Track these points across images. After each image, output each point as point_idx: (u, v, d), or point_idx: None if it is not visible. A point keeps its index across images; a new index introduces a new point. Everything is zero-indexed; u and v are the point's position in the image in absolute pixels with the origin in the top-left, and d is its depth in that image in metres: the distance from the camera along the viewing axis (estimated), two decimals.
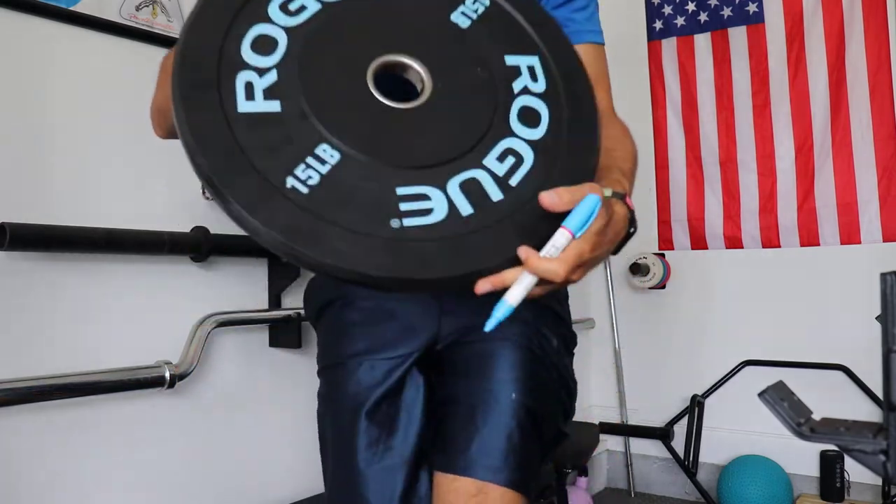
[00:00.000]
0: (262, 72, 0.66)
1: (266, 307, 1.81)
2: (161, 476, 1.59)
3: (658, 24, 2.97)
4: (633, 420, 2.99)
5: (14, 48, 1.37)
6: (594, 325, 3.10)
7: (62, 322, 1.41)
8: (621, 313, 3.07)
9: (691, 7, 2.91)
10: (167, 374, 1.46)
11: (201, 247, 1.59)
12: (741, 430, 2.74)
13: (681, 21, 2.93)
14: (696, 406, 2.71)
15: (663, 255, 2.94)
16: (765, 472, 2.57)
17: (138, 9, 1.58)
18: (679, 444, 2.70)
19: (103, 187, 1.50)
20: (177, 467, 1.62)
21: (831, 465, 2.48)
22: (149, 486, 1.57)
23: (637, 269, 2.87)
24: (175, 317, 1.60)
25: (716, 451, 2.75)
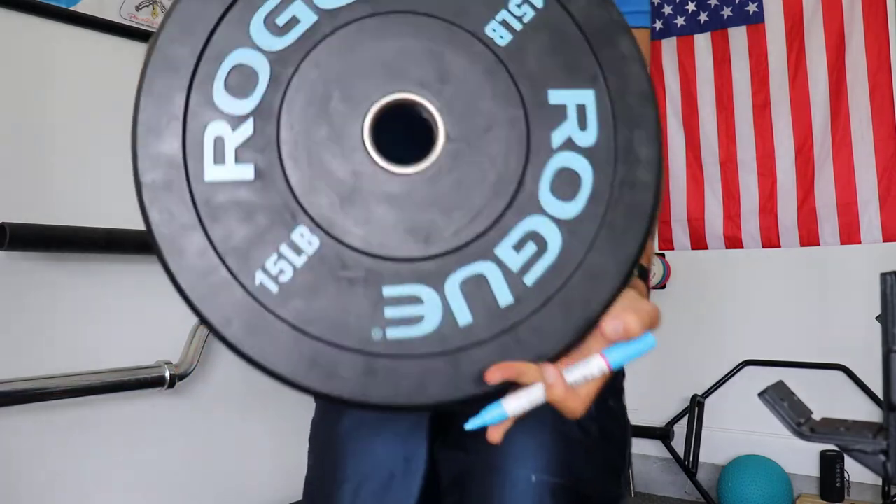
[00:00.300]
0: (237, 122, 0.54)
1: None
2: (161, 476, 1.59)
3: (658, 24, 2.97)
4: (633, 420, 2.95)
5: (14, 48, 1.37)
6: None
7: (62, 322, 1.41)
8: None
9: (691, 7, 2.91)
10: (167, 374, 1.46)
11: None
12: (741, 430, 2.74)
13: (681, 21, 2.93)
14: (696, 406, 2.71)
15: (663, 255, 2.94)
16: (765, 472, 2.57)
17: (138, 9, 1.58)
18: (679, 444, 2.70)
19: (103, 187, 1.50)
20: (177, 467, 1.62)
21: (831, 465, 2.48)
22: (149, 486, 1.57)
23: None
24: (175, 317, 1.60)
25: (716, 451, 2.75)
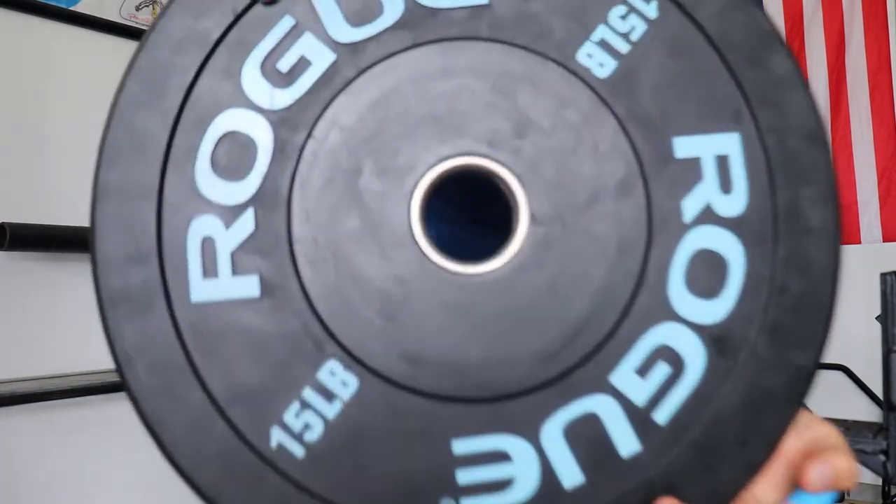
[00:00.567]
0: (231, 215, 0.37)
1: None
2: (161, 476, 1.59)
3: None
4: None
5: (14, 48, 1.37)
6: None
7: (62, 322, 1.41)
8: None
9: None
10: None
11: None
12: None
13: None
14: None
15: None
16: None
17: (138, 9, 1.58)
18: None
19: None
20: None
21: None
22: (149, 486, 1.57)
23: None
24: None
25: None
